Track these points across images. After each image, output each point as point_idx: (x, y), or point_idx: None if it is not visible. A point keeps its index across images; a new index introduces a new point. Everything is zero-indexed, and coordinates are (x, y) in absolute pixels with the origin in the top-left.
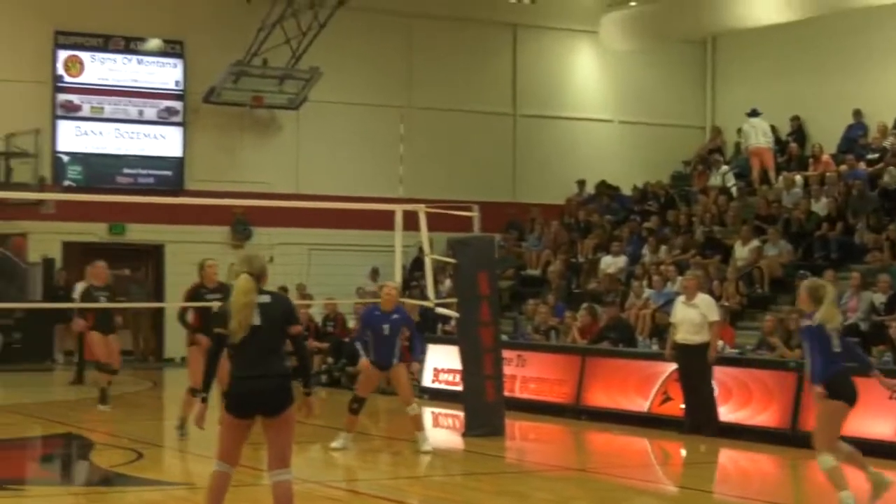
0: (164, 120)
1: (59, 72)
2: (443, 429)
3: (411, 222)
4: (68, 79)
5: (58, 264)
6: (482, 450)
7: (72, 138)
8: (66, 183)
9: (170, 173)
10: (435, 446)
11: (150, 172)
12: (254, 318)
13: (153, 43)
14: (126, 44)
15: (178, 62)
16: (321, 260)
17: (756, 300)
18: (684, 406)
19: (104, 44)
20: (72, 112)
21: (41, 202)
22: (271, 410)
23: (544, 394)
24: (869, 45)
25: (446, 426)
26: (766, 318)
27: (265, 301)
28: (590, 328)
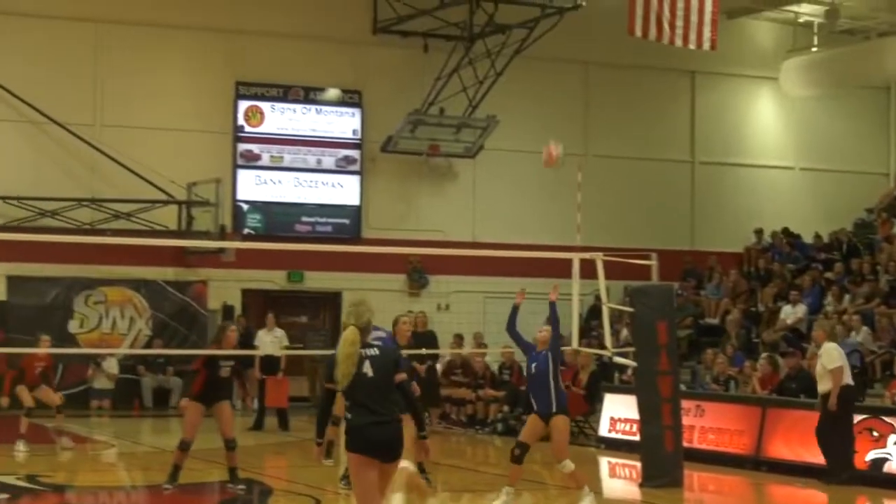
0: (342, 169)
1: (240, 122)
2: (620, 479)
3: (588, 270)
4: (249, 129)
5: (237, 311)
6: (660, 501)
7: (251, 187)
8: (246, 231)
9: (347, 221)
10: (612, 497)
11: (328, 220)
12: (365, 368)
13: (332, 93)
14: (305, 94)
15: (357, 111)
16: (497, 308)
17: None
18: (823, 454)
19: (284, 94)
20: (252, 161)
21: (222, 250)
22: (388, 457)
23: (723, 444)
24: None
25: (623, 476)
26: None
27: (374, 354)
28: (770, 378)
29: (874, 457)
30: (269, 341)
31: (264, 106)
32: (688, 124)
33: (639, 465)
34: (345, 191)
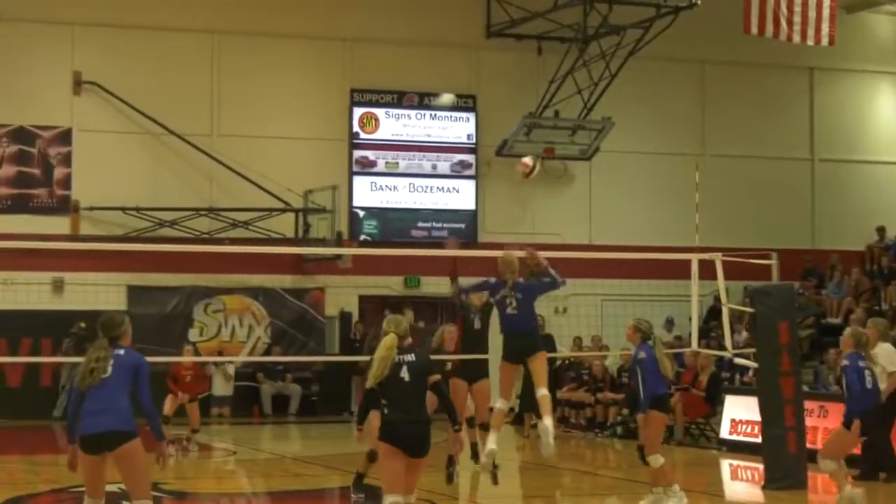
0: (457, 173)
1: (355, 129)
2: (742, 482)
3: (707, 271)
4: (364, 135)
5: (354, 317)
6: (784, 503)
7: (367, 193)
8: (363, 237)
9: (463, 226)
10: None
11: (444, 225)
12: (403, 373)
13: (446, 98)
14: (420, 100)
15: (471, 116)
16: (614, 311)
17: None
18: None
19: (398, 100)
20: (367, 168)
21: (338, 257)
22: (417, 453)
23: None
24: None
25: (745, 479)
26: None
27: (411, 360)
28: None
29: None
30: None
31: (379, 112)
32: (807, 122)
33: (761, 467)
34: (460, 195)
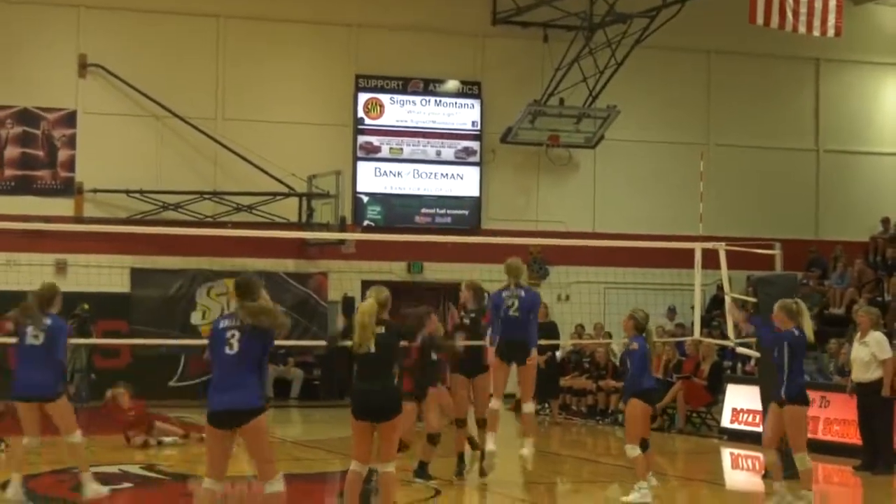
0: (461, 160)
1: (360, 114)
2: (742, 470)
3: (709, 260)
4: (368, 121)
5: (357, 303)
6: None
7: (371, 179)
8: (366, 223)
9: (466, 213)
10: (735, 488)
11: (448, 212)
12: (370, 345)
13: (451, 84)
14: (425, 86)
15: (476, 103)
16: (617, 299)
17: None
18: (861, 443)
19: (403, 86)
20: (372, 153)
21: (342, 242)
22: (381, 418)
23: (849, 436)
24: None
25: (746, 468)
26: None
27: (381, 332)
28: None
29: None
30: None
31: (384, 98)
32: (812, 112)
33: (762, 456)
34: (464, 182)
